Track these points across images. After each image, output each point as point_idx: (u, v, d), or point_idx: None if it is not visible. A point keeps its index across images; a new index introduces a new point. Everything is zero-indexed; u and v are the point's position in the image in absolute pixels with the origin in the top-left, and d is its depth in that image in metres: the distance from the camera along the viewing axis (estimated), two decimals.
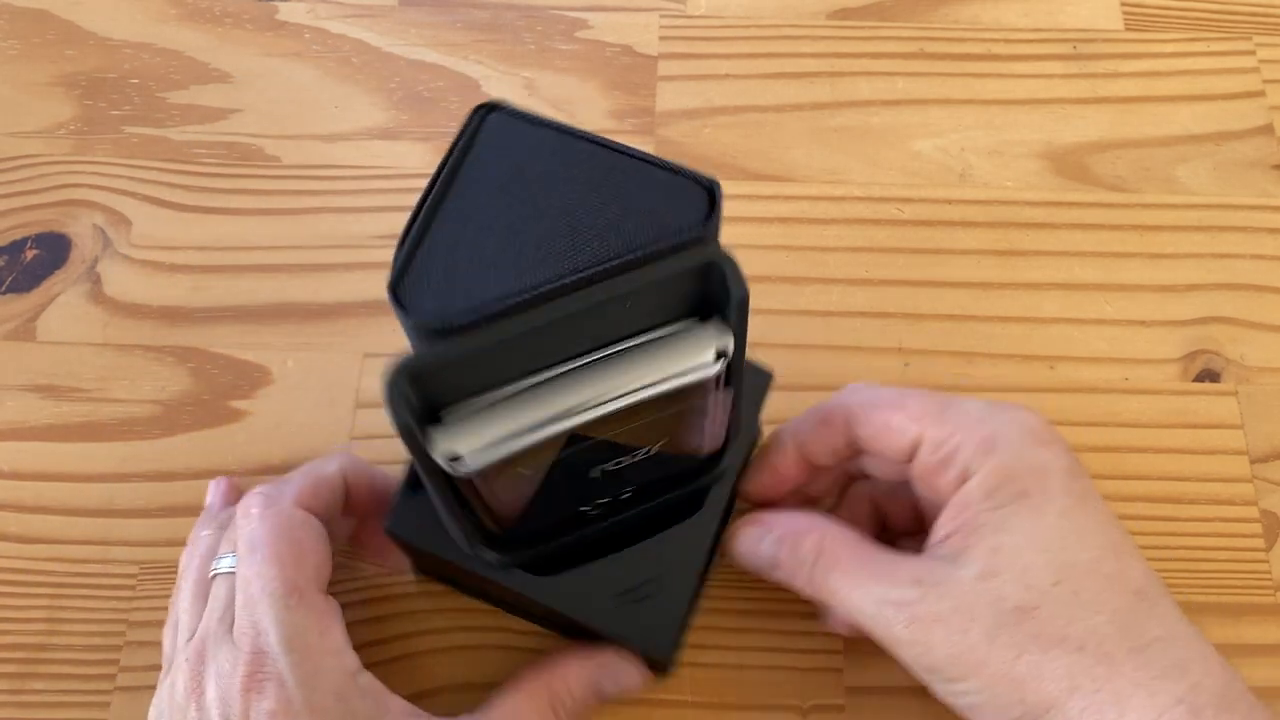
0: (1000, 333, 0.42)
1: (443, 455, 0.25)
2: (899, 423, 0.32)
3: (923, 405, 0.32)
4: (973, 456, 0.31)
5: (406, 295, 0.24)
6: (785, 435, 0.35)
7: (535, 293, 0.23)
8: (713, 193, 0.25)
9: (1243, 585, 0.38)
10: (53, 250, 0.44)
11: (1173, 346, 0.42)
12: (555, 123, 0.26)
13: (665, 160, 0.25)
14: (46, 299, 0.43)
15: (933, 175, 0.45)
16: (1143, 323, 0.43)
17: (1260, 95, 0.47)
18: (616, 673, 0.33)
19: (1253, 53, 0.48)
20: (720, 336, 0.25)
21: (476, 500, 0.28)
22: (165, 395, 0.41)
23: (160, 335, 0.42)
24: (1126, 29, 0.48)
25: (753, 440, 0.35)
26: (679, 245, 0.24)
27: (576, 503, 0.31)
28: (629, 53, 0.48)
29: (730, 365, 0.26)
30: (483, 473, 0.25)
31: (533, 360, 0.25)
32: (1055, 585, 0.29)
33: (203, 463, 0.40)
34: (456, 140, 0.25)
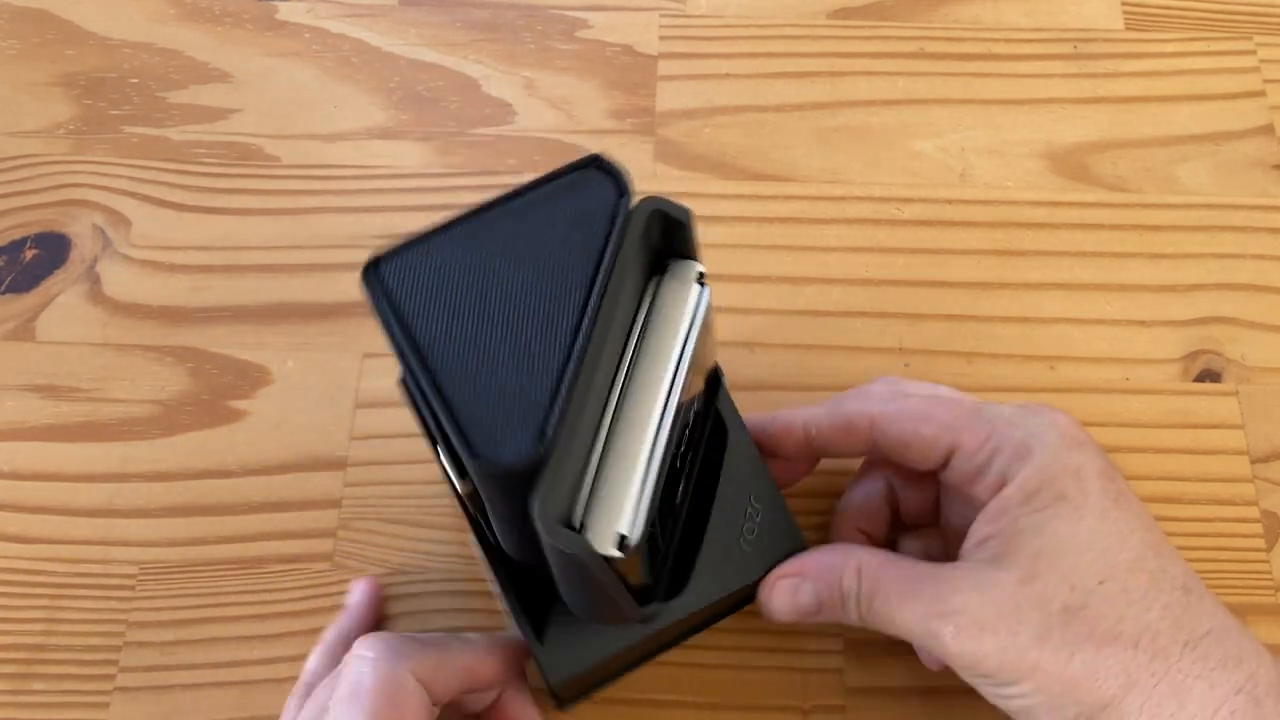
0: (1000, 333, 0.42)
1: (613, 546, 0.25)
2: (929, 433, 0.32)
3: (952, 413, 0.32)
4: (1009, 462, 0.31)
5: (491, 459, 0.24)
6: (796, 416, 0.34)
7: (573, 372, 0.24)
8: (599, 164, 0.27)
9: (1243, 585, 0.38)
10: (52, 250, 0.44)
11: (1173, 346, 0.42)
12: (433, 229, 0.26)
13: (543, 175, 0.27)
14: (46, 299, 0.43)
15: (933, 175, 0.45)
16: (1143, 323, 0.43)
17: (1260, 95, 0.47)
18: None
19: (1253, 53, 0.48)
20: (687, 266, 0.28)
21: (630, 567, 0.28)
22: (165, 395, 0.41)
23: (160, 335, 0.42)
24: (1127, 29, 0.48)
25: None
26: (623, 221, 0.26)
27: (670, 502, 0.31)
28: (629, 52, 0.48)
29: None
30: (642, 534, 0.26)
31: (594, 409, 0.26)
32: (1101, 584, 0.29)
33: (203, 463, 0.40)
34: (384, 320, 0.25)
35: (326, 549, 0.39)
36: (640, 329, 0.28)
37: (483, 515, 0.29)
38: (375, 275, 0.26)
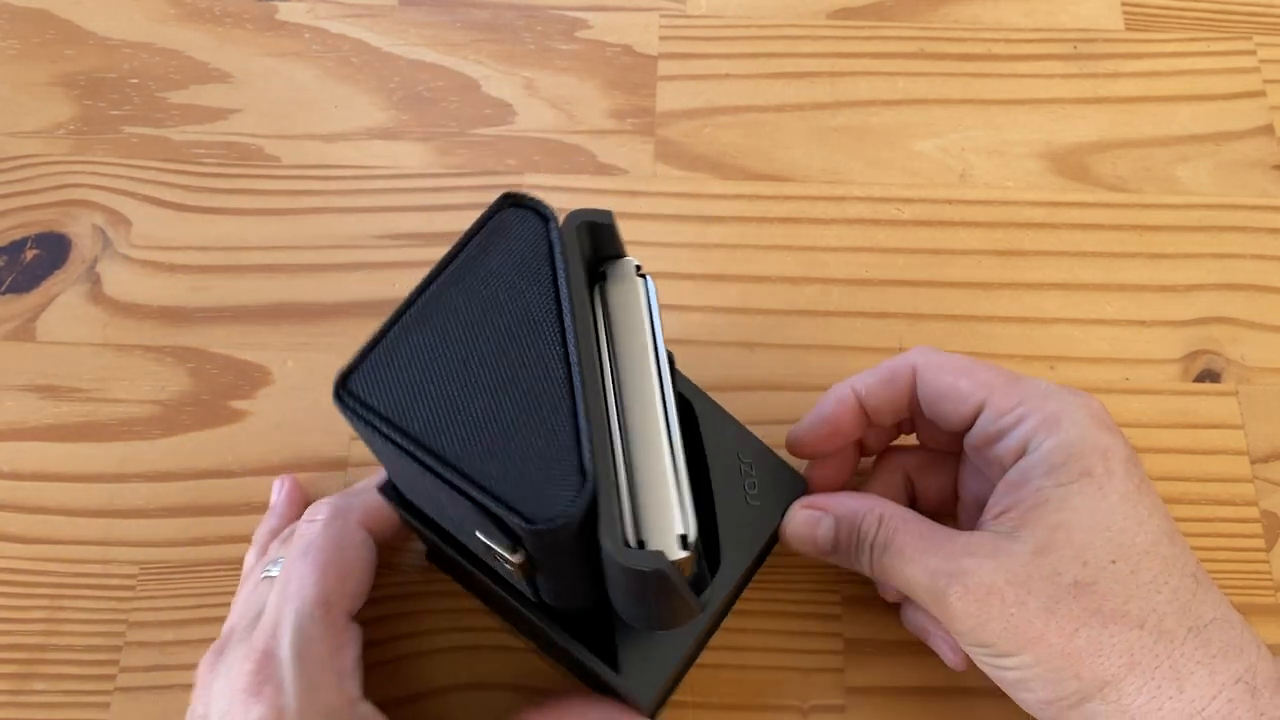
0: (1000, 333, 0.42)
1: (679, 549, 0.25)
2: (965, 388, 0.32)
3: (990, 375, 0.33)
4: (1035, 430, 0.31)
5: (550, 519, 0.23)
6: (847, 388, 0.35)
7: (584, 406, 0.24)
8: (512, 201, 0.27)
9: (1243, 585, 0.38)
10: (52, 250, 0.44)
11: (1173, 346, 0.42)
12: (383, 328, 0.26)
13: (465, 232, 0.27)
14: (46, 299, 0.43)
15: (933, 175, 0.45)
16: (1143, 323, 0.43)
17: (1260, 95, 0.47)
18: None
19: (1253, 53, 0.48)
20: (624, 264, 0.28)
21: (689, 564, 0.28)
22: (165, 395, 0.41)
23: (160, 335, 0.42)
24: (1127, 29, 0.48)
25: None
26: (561, 247, 0.26)
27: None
28: (629, 52, 0.48)
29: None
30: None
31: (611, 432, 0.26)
32: (1113, 564, 0.29)
33: (203, 463, 0.40)
34: (377, 433, 0.25)
35: None
36: (606, 337, 0.28)
37: (530, 582, 0.28)
38: (348, 394, 0.25)
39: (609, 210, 0.27)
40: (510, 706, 0.34)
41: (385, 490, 0.31)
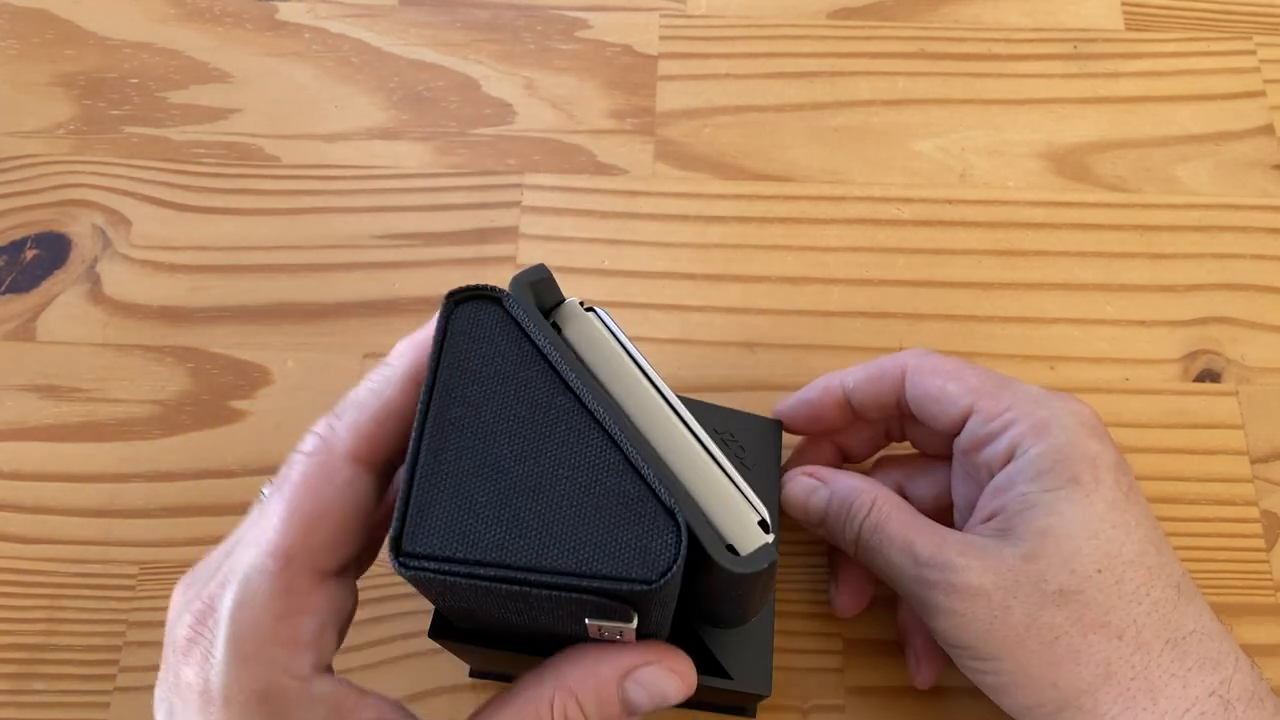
0: (1000, 333, 0.42)
1: (766, 535, 0.25)
2: (954, 391, 0.32)
3: (980, 379, 0.33)
4: (1024, 435, 0.31)
5: (653, 573, 0.23)
6: (836, 379, 0.35)
7: (633, 448, 0.24)
8: (457, 298, 0.26)
9: (1243, 585, 0.38)
10: (52, 250, 0.44)
11: (1173, 346, 0.42)
12: (409, 480, 0.24)
13: (432, 352, 0.26)
14: (46, 299, 0.43)
15: (933, 175, 0.45)
16: (1143, 323, 0.43)
17: (1260, 95, 0.47)
18: (648, 681, 0.27)
19: (1253, 53, 0.48)
20: (569, 306, 0.27)
21: None
22: (165, 395, 0.41)
23: (160, 335, 0.42)
24: (1127, 29, 0.48)
25: None
26: (524, 315, 0.26)
27: None
28: (629, 52, 0.48)
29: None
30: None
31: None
32: (1099, 573, 0.29)
33: (203, 463, 0.40)
34: (465, 580, 0.24)
35: None
36: (592, 376, 0.27)
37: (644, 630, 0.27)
38: (410, 558, 0.23)
39: (540, 264, 0.27)
40: None
41: (434, 633, 0.29)
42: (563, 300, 0.28)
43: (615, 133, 0.46)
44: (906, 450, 0.38)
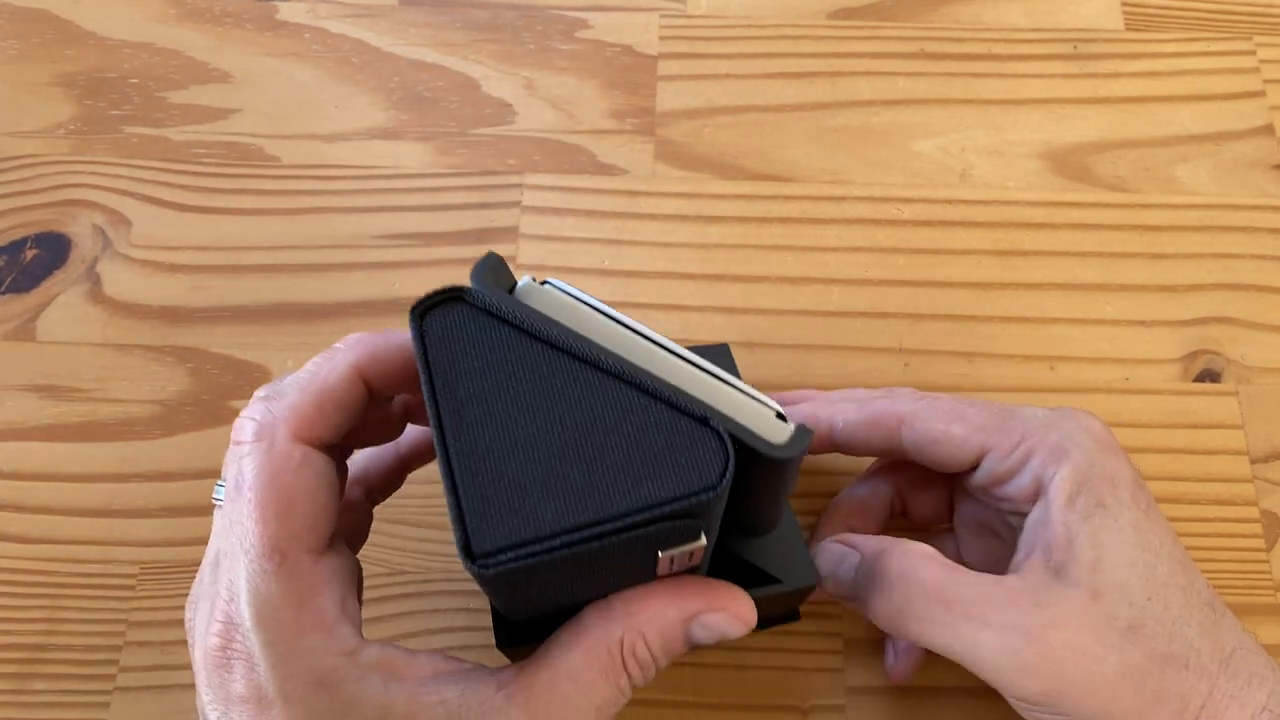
0: (1000, 333, 0.42)
1: (783, 420, 0.26)
2: (960, 434, 0.31)
3: (984, 415, 0.32)
4: (1045, 465, 0.30)
5: (719, 486, 0.24)
6: (825, 408, 0.34)
7: (654, 383, 0.25)
8: (429, 305, 0.26)
9: (1243, 585, 0.38)
10: (52, 250, 0.44)
11: (1173, 346, 0.42)
12: (456, 498, 0.24)
13: (421, 361, 0.25)
14: (46, 299, 0.43)
15: (933, 175, 0.45)
16: (1143, 323, 0.43)
17: (1260, 95, 0.47)
18: (713, 624, 0.27)
19: (1253, 53, 0.48)
20: (524, 282, 0.27)
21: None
22: (165, 395, 0.41)
23: (160, 335, 0.42)
24: (1127, 29, 0.48)
25: None
26: (498, 298, 0.26)
27: None
28: (629, 52, 0.48)
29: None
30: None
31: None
32: (1149, 601, 0.28)
33: (202, 463, 0.40)
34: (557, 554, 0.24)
35: None
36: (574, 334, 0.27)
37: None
38: (483, 557, 0.23)
39: (490, 251, 0.27)
40: None
41: (503, 643, 0.29)
42: (516, 282, 0.27)
43: (615, 133, 0.46)
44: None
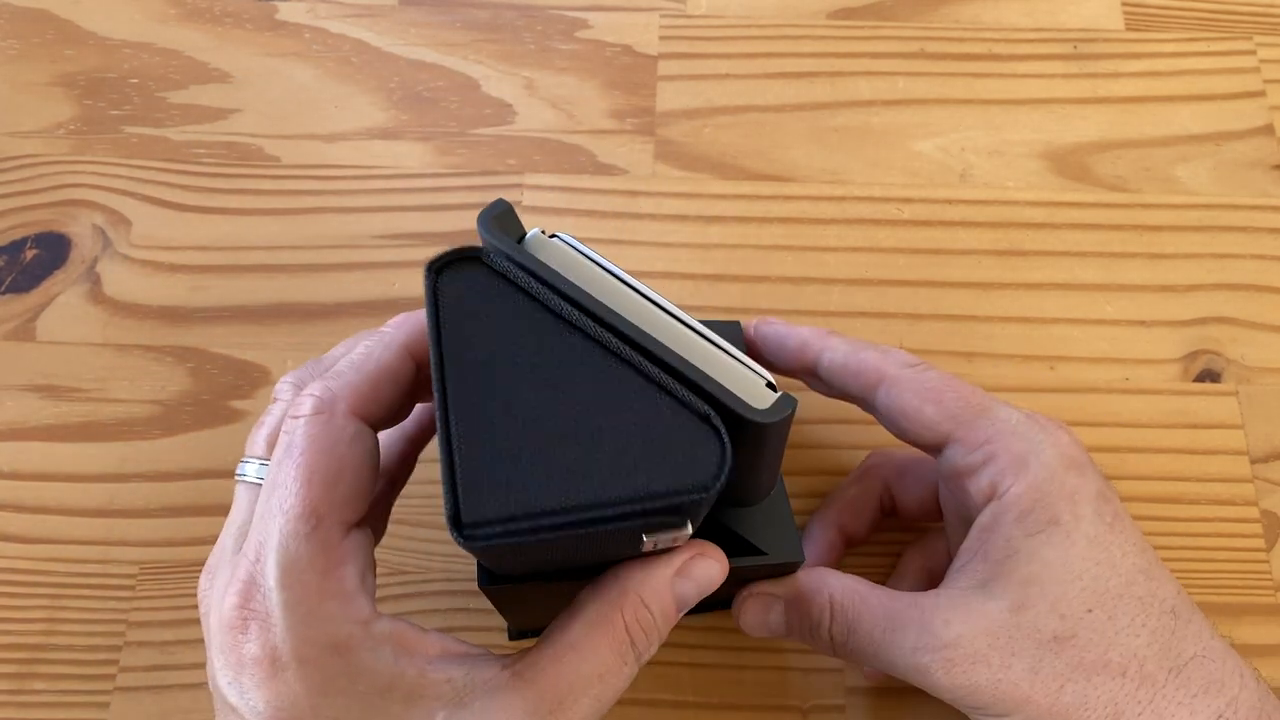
0: (1000, 333, 0.42)
1: (772, 390, 0.26)
2: (931, 416, 0.32)
3: (959, 404, 0.32)
4: (1004, 472, 0.30)
5: (718, 484, 0.24)
6: (819, 338, 0.34)
7: (658, 348, 0.25)
8: (440, 265, 0.26)
9: (1243, 585, 0.38)
10: (52, 250, 0.44)
11: (1173, 346, 0.42)
12: (457, 456, 0.24)
13: (431, 325, 0.26)
14: (46, 299, 0.43)
15: (933, 175, 0.45)
16: (1143, 323, 0.43)
17: (1260, 95, 0.47)
18: (695, 573, 0.28)
19: (1253, 53, 0.48)
20: (533, 234, 0.27)
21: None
22: (165, 395, 0.41)
23: (160, 335, 0.42)
24: (1127, 29, 0.48)
25: None
26: (514, 260, 0.26)
27: None
28: (629, 53, 0.48)
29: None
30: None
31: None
32: (1089, 613, 0.29)
33: (202, 463, 0.40)
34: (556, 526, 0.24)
35: None
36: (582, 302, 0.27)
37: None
38: (470, 528, 0.23)
39: (499, 199, 0.27)
40: None
41: (485, 582, 0.28)
42: (525, 233, 0.27)
43: (615, 133, 0.46)
44: (893, 441, 0.37)
